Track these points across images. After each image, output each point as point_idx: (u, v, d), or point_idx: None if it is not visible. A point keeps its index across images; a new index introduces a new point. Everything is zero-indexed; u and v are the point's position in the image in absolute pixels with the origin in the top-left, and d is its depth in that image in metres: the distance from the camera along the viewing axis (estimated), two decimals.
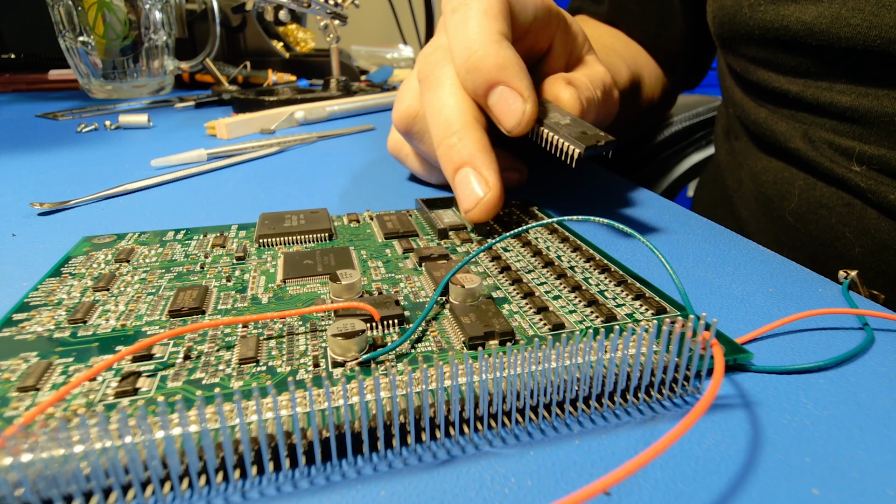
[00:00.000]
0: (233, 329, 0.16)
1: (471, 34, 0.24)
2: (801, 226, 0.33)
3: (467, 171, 0.24)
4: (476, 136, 0.24)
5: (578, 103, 0.26)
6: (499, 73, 0.23)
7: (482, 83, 0.24)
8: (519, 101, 0.23)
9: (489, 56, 0.23)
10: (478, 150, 0.24)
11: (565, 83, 0.27)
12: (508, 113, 0.24)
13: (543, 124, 0.24)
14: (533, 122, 0.24)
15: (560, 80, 0.27)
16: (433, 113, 0.25)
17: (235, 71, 0.71)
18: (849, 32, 0.27)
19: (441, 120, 0.25)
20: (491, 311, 0.17)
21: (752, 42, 0.33)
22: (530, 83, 0.24)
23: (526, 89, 0.23)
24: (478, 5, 0.24)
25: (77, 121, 0.52)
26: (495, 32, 0.24)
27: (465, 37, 0.24)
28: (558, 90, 0.26)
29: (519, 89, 0.23)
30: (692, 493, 0.11)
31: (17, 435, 0.10)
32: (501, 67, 0.23)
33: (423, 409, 0.12)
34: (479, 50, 0.23)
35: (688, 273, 0.21)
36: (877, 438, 0.13)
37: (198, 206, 0.29)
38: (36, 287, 0.19)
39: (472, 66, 0.23)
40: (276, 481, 0.12)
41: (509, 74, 0.23)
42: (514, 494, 0.11)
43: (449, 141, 0.24)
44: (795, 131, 0.32)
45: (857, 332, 0.17)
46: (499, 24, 0.24)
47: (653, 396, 0.14)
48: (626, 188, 0.32)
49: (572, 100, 0.26)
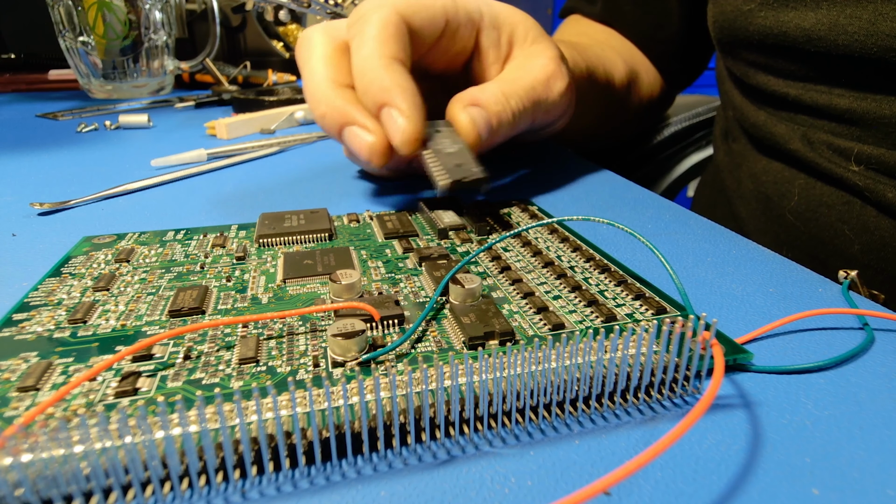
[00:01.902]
0: (233, 329, 0.16)
1: (363, 58, 0.25)
2: (800, 224, 0.33)
3: (349, 129, 0.26)
4: (341, 94, 0.26)
5: (473, 130, 0.26)
6: (383, 95, 0.24)
7: (372, 104, 0.25)
8: (400, 120, 0.24)
9: (376, 80, 0.24)
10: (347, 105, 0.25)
11: (463, 106, 0.27)
12: (392, 131, 0.25)
13: (427, 147, 0.25)
14: (416, 141, 0.25)
15: (460, 102, 0.27)
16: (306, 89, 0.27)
17: (235, 71, 0.71)
18: (846, 40, 0.27)
19: (310, 93, 0.27)
20: (491, 311, 0.17)
21: (751, 47, 0.33)
22: (413, 104, 0.24)
23: (407, 110, 0.24)
24: (370, 30, 0.25)
25: (77, 121, 0.52)
26: (384, 57, 0.25)
27: (357, 61, 0.25)
28: (455, 113, 0.27)
29: (400, 109, 0.24)
30: (692, 493, 0.11)
31: (17, 435, 0.10)
32: (386, 90, 0.24)
33: (423, 409, 0.12)
34: (368, 73, 0.25)
35: (688, 273, 0.21)
36: (877, 438, 0.13)
37: (198, 206, 0.29)
38: (36, 287, 0.19)
39: (363, 90, 0.25)
40: (276, 481, 0.12)
41: (392, 96, 0.24)
42: (514, 494, 0.11)
43: (319, 110, 0.26)
44: (794, 133, 0.32)
45: (857, 332, 0.17)
46: (388, 47, 0.25)
47: (653, 396, 0.14)
48: (626, 188, 0.32)
49: (467, 126, 0.26)
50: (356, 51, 0.26)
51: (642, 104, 0.48)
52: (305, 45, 0.28)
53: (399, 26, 0.26)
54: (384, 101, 0.24)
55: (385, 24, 0.25)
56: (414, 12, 0.26)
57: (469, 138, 0.26)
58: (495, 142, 0.29)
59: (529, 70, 0.30)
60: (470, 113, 0.26)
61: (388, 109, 0.25)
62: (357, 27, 0.26)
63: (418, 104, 0.25)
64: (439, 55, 0.30)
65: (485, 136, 0.27)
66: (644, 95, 0.47)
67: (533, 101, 0.29)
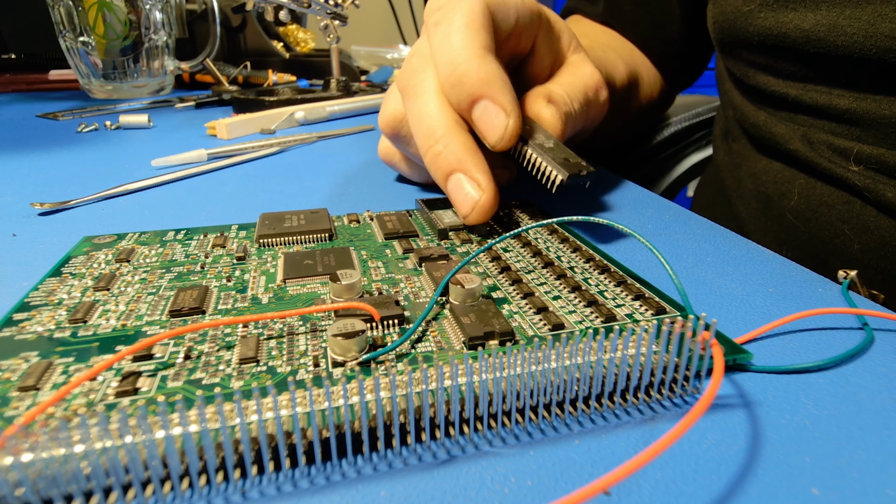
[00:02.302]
0: (233, 329, 0.16)
1: (454, 48, 0.23)
2: (800, 223, 0.33)
3: (458, 177, 0.24)
4: (460, 139, 0.24)
5: (560, 124, 0.26)
6: (482, 88, 0.23)
7: (466, 97, 0.24)
8: (502, 115, 0.23)
9: (472, 71, 0.23)
10: (465, 154, 0.24)
11: (546, 101, 0.27)
12: (491, 128, 0.24)
13: (528, 143, 0.24)
14: (516, 137, 0.24)
15: (541, 97, 0.27)
16: (416, 121, 0.25)
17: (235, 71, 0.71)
18: (845, 41, 0.27)
19: (424, 128, 0.25)
20: (491, 312, 0.17)
21: (751, 48, 0.33)
22: (514, 98, 0.24)
23: (509, 104, 0.23)
24: (460, 18, 0.24)
25: (77, 121, 0.52)
26: (478, 46, 0.23)
27: (448, 51, 0.24)
28: (539, 109, 0.26)
29: (502, 104, 0.23)
30: (692, 493, 0.11)
31: (18, 434, 0.10)
32: (485, 82, 0.23)
33: (423, 409, 0.12)
34: (462, 64, 0.23)
35: (688, 273, 0.21)
36: (877, 438, 0.13)
37: (198, 206, 0.29)
38: (36, 287, 0.19)
39: (456, 81, 0.23)
40: (277, 481, 0.12)
41: (493, 89, 0.23)
42: (514, 494, 0.11)
43: (435, 149, 0.24)
44: (794, 133, 0.32)
45: (857, 332, 0.17)
46: (481, 36, 0.24)
47: (652, 396, 0.14)
48: (626, 188, 0.32)
49: (554, 120, 0.26)
50: (441, 42, 0.24)
51: (643, 105, 0.48)
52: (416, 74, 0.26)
53: (487, 16, 0.25)
54: (481, 94, 0.23)
55: (475, 12, 0.24)
56: (497, 4, 0.25)
57: (556, 133, 0.26)
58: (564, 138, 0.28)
59: (581, 76, 0.30)
60: (551, 110, 0.26)
61: (486, 103, 0.23)
62: (442, 13, 0.24)
63: (516, 98, 0.24)
64: (505, 52, 0.28)
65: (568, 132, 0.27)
66: (645, 96, 0.48)
67: (586, 105, 0.29)
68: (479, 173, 0.24)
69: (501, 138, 0.23)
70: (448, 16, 0.24)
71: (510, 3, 0.26)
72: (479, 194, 0.23)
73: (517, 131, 0.24)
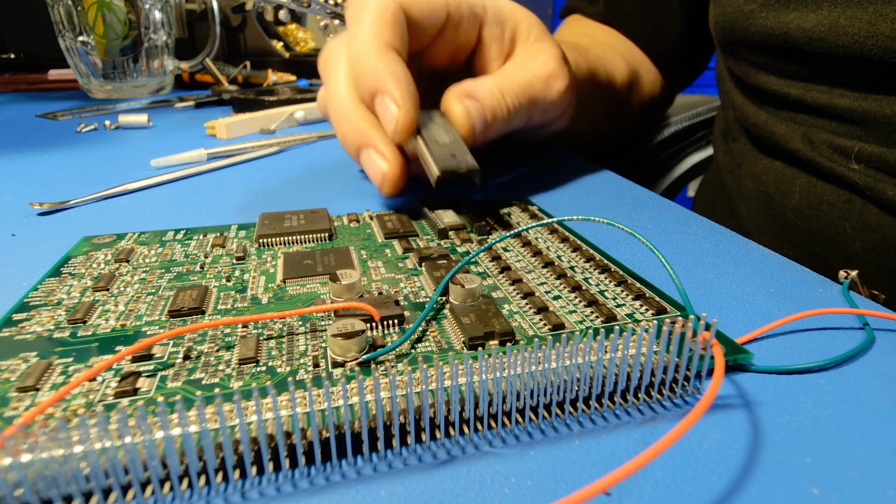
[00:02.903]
0: (233, 329, 0.16)
1: (358, 44, 0.25)
2: (801, 222, 0.33)
3: (366, 152, 0.26)
4: (363, 115, 0.26)
5: (468, 121, 0.26)
6: (377, 83, 0.24)
7: (365, 91, 0.25)
8: (392, 108, 0.24)
9: (370, 66, 0.24)
10: (368, 129, 0.25)
11: (458, 97, 0.27)
12: (385, 120, 0.25)
13: (421, 136, 0.25)
14: (409, 130, 0.25)
15: (454, 93, 0.27)
16: (328, 103, 0.27)
17: (235, 71, 0.71)
18: (847, 41, 0.27)
19: (333, 109, 0.27)
20: (491, 312, 0.17)
21: (752, 47, 0.33)
22: (406, 92, 0.24)
23: (399, 98, 0.24)
24: (368, 17, 0.25)
25: (77, 121, 0.52)
26: (381, 43, 0.25)
27: (353, 46, 0.25)
28: (450, 105, 0.27)
29: (393, 98, 0.24)
30: (692, 493, 0.11)
31: (17, 435, 0.10)
32: (380, 77, 0.24)
33: (423, 410, 0.12)
34: (362, 59, 0.25)
35: (688, 273, 0.21)
36: (877, 438, 0.13)
37: (198, 206, 0.29)
38: (36, 287, 0.19)
39: (357, 76, 0.25)
40: (276, 481, 0.12)
41: (386, 84, 0.24)
42: (514, 494, 0.11)
43: (342, 127, 0.26)
44: (795, 133, 0.32)
45: (858, 332, 0.17)
46: (385, 33, 0.25)
47: (653, 396, 0.14)
48: (626, 188, 0.32)
49: (460, 117, 0.26)
50: (351, 37, 0.25)
51: (643, 105, 0.48)
52: (330, 58, 0.28)
53: (396, 14, 0.25)
54: (377, 89, 0.24)
55: (382, 10, 0.25)
56: (414, 2, 0.26)
57: (463, 130, 0.26)
58: (489, 136, 0.29)
59: (529, 68, 0.30)
60: (465, 104, 0.26)
61: (382, 97, 0.24)
62: (354, 13, 0.26)
63: (412, 92, 0.25)
64: (442, 48, 0.29)
65: (479, 128, 0.27)
66: (645, 96, 0.47)
67: (529, 98, 0.29)
68: (383, 146, 0.25)
69: (395, 130, 0.24)
70: (358, 15, 0.26)
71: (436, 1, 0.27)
72: (385, 166, 0.25)
73: (408, 124, 0.24)
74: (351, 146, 0.26)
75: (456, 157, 0.24)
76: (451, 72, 0.32)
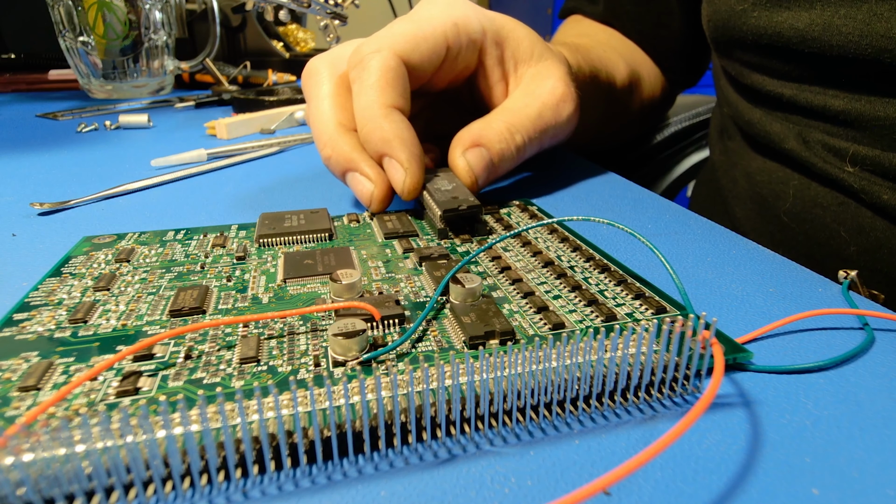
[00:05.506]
0: (233, 329, 0.16)
1: (362, 107, 0.26)
2: (795, 225, 0.33)
3: (351, 175, 0.27)
4: (346, 139, 0.26)
5: (470, 176, 0.27)
6: (383, 146, 0.25)
7: (374, 153, 0.26)
8: (400, 172, 0.25)
9: (375, 130, 0.25)
10: (352, 153, 0.26)
11: (462, 150, 0.27)
12: (394, 181, 0.26)
13: (426, 189, 0.26)
14: (416, 188, 0.25)
15: (460, 146, 0.28)
16: (311, 125, 0.28)
17: (235, 71, 0.71)
18: (840, 41, 0.27)
19: (316, 133, 0.27)
20: (491, 311, 0.17)
21: (745, 47, 0.33)
22: (411, 155, 0.25)
23: (406, 161, 0.25)
24: (369, 78, 0.26)
25: (77, 121, 0.52)
26: (383, 106, 0.25)
27: (358, 109, 0.26)
28: (454, 159, 0.28)
29: (400, 161, 0.25)
30: (692, 492, 0.11)
31: (19, 434, 0.10)
32: (385, 141, 0.25)
33: (423, 409, 0.12)
34: (367, 123, 0.25)
35: (688, 273, 0.21)
36: (877, 438, 0.13)
37: (198, 206, 0.29)
38: (36, 287, 0.19)
39: (365, 139, 0.26)
40: (278, 480, 0.12)
41: (392, 148, 0.25)
42: (514, 494, 0.12)
43: (325, 152, 0.27)
44: (789, 132, 0.32)
45: (857, 332, 0.17)
46: (388, 95, 0.25)
47: (653, 395, 0.14)
48: (626, 188, 0.32)
49: (463, 173, 0.27)
50: (356, 98, 0.26)
51: (644, 105, 0.48)
52: (312, 78, 0.29)
53: (398, 70, 0.26)
54: (384, 152, 0.25)
55: (384, 70, 0.25)
56: (413, 49, 0.26)
57: (465, 183, 0.27)
58: (500, 174, 0.29)
59: (538, 95, 0.30)
60: (467, 158, 0.27)
61: (389, 159, 0.25)
62: (357, 72, 0.26)
63: (417, 155, 0.25)
64: (442, 76, 0.30)
65: (482, 179, 0.28)
66: (646, 96, 0.47)
67: (541, 130, 0.29)
68: (369, 169, 0.26)
69: (401, 192, 0.25)
70: (360, 75, 0.26)
71: (434, 39, 0.27)
72: (372, 187, 0.26)
73: (415, 184, 0.25)
74: (336, 170, 0.27)
75: (458, 199, 0.24)
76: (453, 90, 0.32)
